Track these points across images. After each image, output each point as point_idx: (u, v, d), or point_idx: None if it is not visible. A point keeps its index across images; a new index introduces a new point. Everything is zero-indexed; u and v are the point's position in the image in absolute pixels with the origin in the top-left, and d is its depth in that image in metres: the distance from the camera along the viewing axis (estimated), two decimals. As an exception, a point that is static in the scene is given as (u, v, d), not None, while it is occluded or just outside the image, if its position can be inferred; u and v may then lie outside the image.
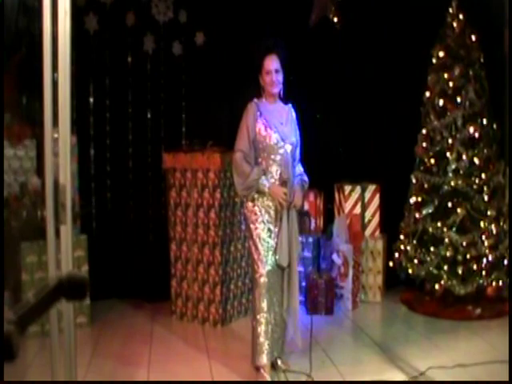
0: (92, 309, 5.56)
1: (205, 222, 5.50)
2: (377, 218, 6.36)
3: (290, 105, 4.45)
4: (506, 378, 4.20)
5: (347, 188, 6.36)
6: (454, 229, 5.71)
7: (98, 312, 5.70)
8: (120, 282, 6.18)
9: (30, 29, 5.02)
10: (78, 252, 5.20)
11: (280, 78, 4.28)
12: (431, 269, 5.78)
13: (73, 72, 2.66)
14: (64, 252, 2.71)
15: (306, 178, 4.48)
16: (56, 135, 2.66)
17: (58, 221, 2.67)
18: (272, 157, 4.27)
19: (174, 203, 5.69)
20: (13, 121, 5.23)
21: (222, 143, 5.60)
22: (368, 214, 6.35)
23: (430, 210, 5.88)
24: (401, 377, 4.34)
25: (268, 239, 4.26)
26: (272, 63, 4.25)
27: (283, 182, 4.28)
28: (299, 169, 4.48)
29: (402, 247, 6.05)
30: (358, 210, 6.34)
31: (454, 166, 5.77)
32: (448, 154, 5.80)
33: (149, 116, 6.44)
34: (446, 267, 5.72)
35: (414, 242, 5.94)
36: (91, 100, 6.19)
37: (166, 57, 6.45)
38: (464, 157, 5.76)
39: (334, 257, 6.08)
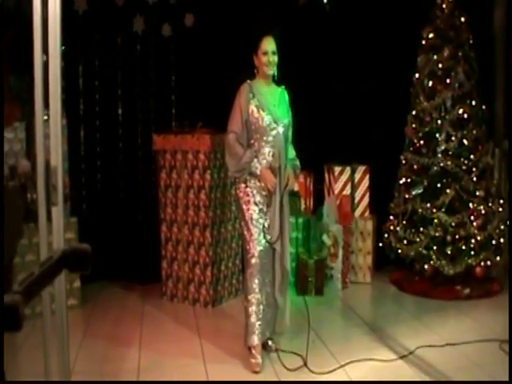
0: (82, 291, 5.58)
1: (195, 204, 5.51)
2: (366, 199, 6.39)
3: (283, 87, 4.43)
4: (494, 357, 4.27)
5: (337, 169, 6.38)
6: (443, 209, 5.74)
7: (88, 294, 5.71)
8: (110, 264, 6.18)
9: (19, 8, 4.98)
10: (68, 234, 5.20)
11: (276, 59, 4.27)
12: (420, 249, 5.82)
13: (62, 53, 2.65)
14: (56, 233, 2.71)
15: (298, 162, 4.49)
16: (46, 117, 2.65)
17: (49, 202, 2.66)
18: (264, 138, 4.27)
19: (165, 185, 5.68)
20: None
21: (211, 125, 5.60)
22: (358, 195, 6.38)
23: (420, 191, 5.91)
24: (390, 356, 4.38)
25: (260, 220, 4.27)
26: (269, 44, 4.25)
27: (274, 169, 4.27)
28: (292, 152, 4.49)
29: (392, 228, 6.08)
30: (347, 190, 6.35)
31: (443, 147, 5.79)
32: (437, 134, 5.81)
33: (138, 97, 6.42)
34: (435, 247, 5.77)
35: (404, 222, 5.98)
36: (80, 81, 6.16)
37: (156, 38, 6.41)
38: (453, 138, 5.78)
39: (324, 237, 6.11)
